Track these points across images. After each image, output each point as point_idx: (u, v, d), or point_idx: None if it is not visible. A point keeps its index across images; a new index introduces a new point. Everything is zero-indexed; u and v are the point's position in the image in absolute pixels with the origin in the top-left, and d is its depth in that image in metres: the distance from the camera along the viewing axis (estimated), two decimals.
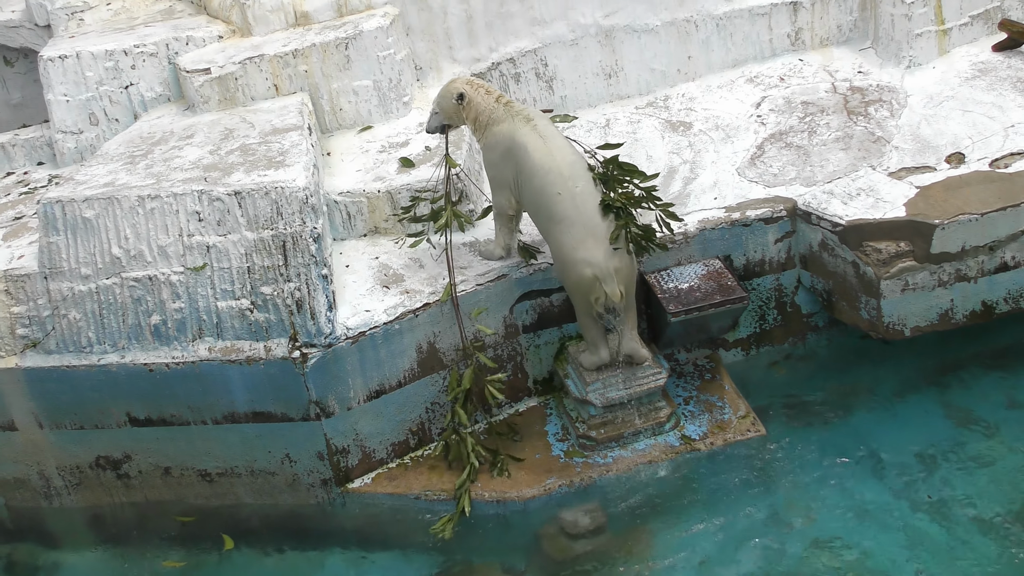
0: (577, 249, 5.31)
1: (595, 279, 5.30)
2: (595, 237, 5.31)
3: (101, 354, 5.61)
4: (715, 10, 7.24)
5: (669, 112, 7.07)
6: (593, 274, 5.29)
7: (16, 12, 8.04)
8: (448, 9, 6.98)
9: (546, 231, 5.49)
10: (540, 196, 5.41)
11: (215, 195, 5.50)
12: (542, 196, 5.40)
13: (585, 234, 5.30)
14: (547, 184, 5.37)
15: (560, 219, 5.34)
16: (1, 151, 7.21)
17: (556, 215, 5.35)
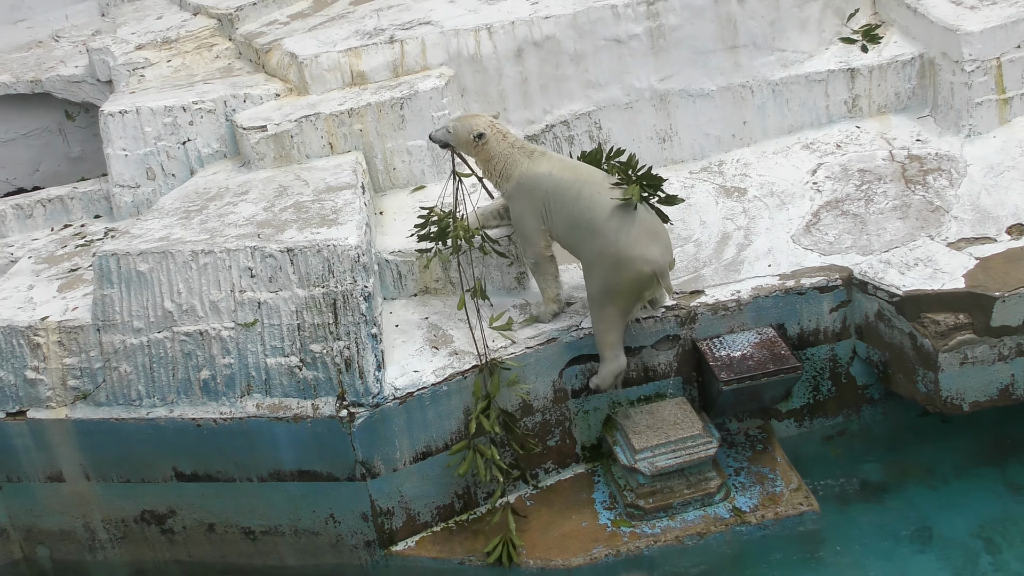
0: (633, 247, 5.35)
1: (653, 276, 5.38)
2: (649, 233, 5.41)
3: (150, 407, 5.68)
4: (771, 76, 7.28)
5: (723, 177, 7.09)
6: (652, 271, 5.36)
7: (79, 67, 8.29)
8: (503, 71, 7.08)
9: (590, 236, 5.47)
10: (577, 205, 5.50)
11: (268, 252, 5.59)
12: (579, 202, 5.49)
13: (640, 231, 5.38)
14: (583, 191, 5.50)
15: (608, 218, 5.39)
16: (60, 203, 7.38)
17: (601, 217, 5.42)
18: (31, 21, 9.52)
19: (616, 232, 5.37)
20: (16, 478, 5.96)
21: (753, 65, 7.27)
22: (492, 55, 7.05)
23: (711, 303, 5.87)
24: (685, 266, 6.23)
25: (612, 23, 7.08)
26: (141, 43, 8.08)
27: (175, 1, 9.04)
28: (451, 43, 7.05)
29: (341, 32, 7.40)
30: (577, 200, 5.50)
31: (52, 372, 5.80)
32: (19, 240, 7.23)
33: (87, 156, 8.79)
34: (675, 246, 6.38)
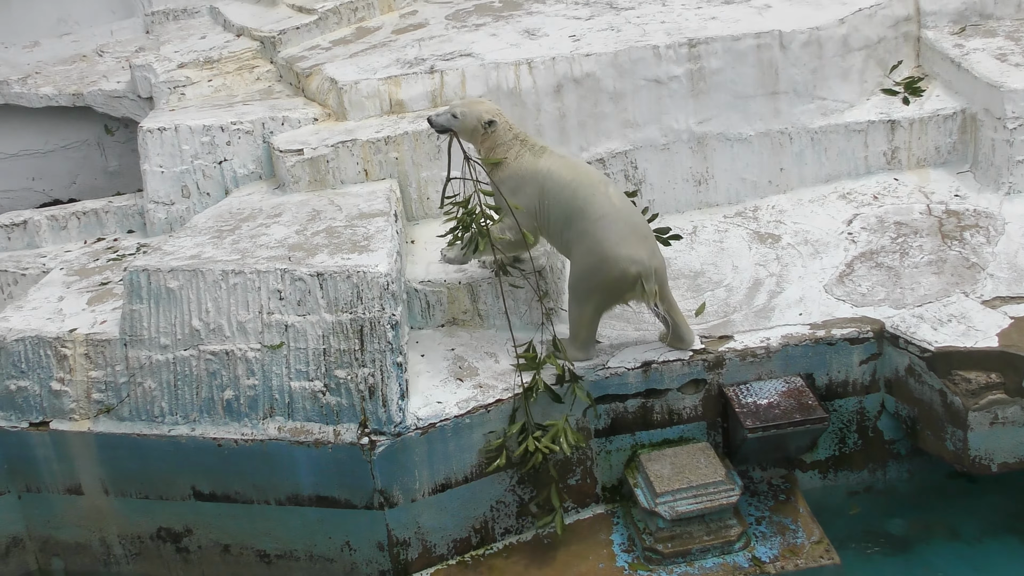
0: (620, 245, 5.49)
1: (638, 277, 5.50)
2: (638, 234, 5.55)
3: (172, 425, 5.72)
4: (810, 123, 7.30)
5: (758, 223, 7.10)
6: (637, 272, 5.49)
7: (121, 83, 8.41)
8: (541, 106, 7.14)
9: (580, 234, 5.56)
10: (572, 203, 5.58)
11: (297, 275, 5.64)
12: (574, 202, 5.58)
13: (629, 230, 5.52)
14: (579, 189, 5.59)
15: (599, 216, 5.51)
16: (94, 216, 7.47)
17: (593, 214, 5.52)
18: (77, 35, 9.69)
19: (605, 231, 5.50)
20: (35, 488, 6.01)
21: (793, 112, 7.29)
22: (531, 90, 7.11)
23: (740, 349, 5.86)
24: (715, 310, 6.23)
25: (653, 64, 7.13)
26: (183, 62, 8.20)
27: (219, 22, 9.18)
28: (491, 76, 7.12)
29: (382, 60, 7.48)
30: (573, 199, 5.59)
31: (77, 384, 5.86)
32: (52, 251, 7.32)
33: (124, 171, 8.91)
34: (706, 290, 6.42)
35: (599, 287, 5.60)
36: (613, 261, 5.50)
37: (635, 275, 5.50)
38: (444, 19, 8.36)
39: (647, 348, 5.87)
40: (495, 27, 7.93)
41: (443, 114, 5.92)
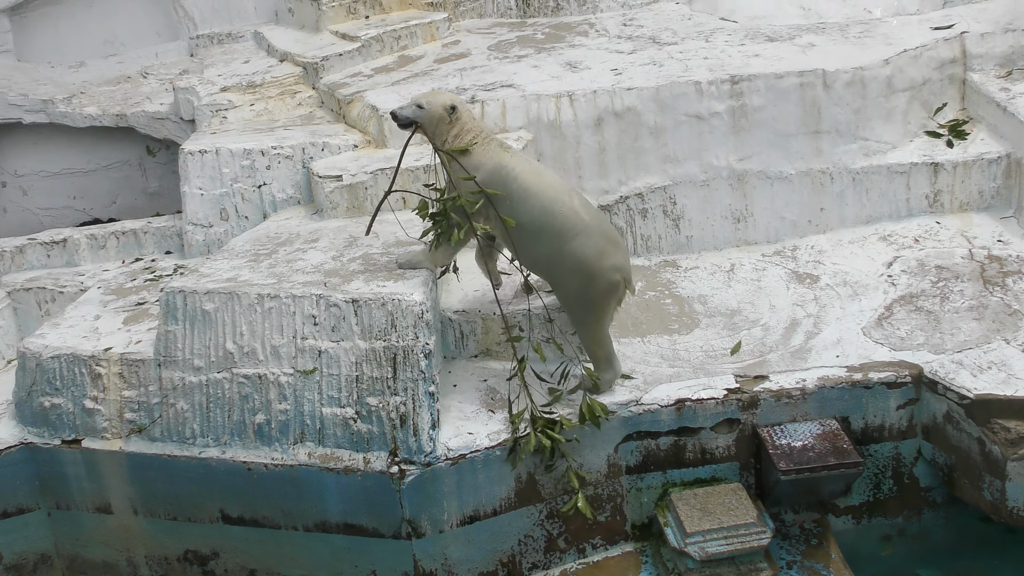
0: (603, 258, 5.58)
1: (623, 283, 5.65)
2: (612, 243, 5.66)
3: (203, 447, 5.76)
4: (852, 164, 7.29)
5: (796, 263, 7.08)
6: (621, 278, 5.64)
7: (164, 105, 8.54)
8: (581, 139, 7.18)
9: (558, 253, 5.57)
10: (544, 218, 5.57)
11: (332, 301, 5.68)
12: (546, 218, 5.57)
13: (605, 242, 5.62)
14: (549, 204, 5.58)
15: (575, 234, 5.56)
16: (133, 236, 7.58)
17: (569, 233, 5.56)
18: (122, 56, 9.85)
19: (584, 248, 5.56)
20: (65, 506, 6.07)
21: (835, 152, 7.28)
22: (572, 122, 7.15)
23: (775, 389, 5.83)
24: (751, 350, 6.22)
25: (694, 99, 7.16)
26: (226, 85, 8.31)
27: (263, 47, 9.31)
28: (531, 107, 7.17)
29: (423, 89, 7.55)
30: (543, 213, 5.58)
31: (110, 403, 5.92)
32: (90, 270, 7.43)
33: (164, 192, 9.03)
34: (743, 329, 6.41)
35: (593, 302, 5.66)
36: (599, 274, 5.59)
37: (619, 281, 5.65)
38: (486, 49, 8.44)
39: (681, 385, 5.86)
40: (537, 59, 7.99)
41: (408, 106, 5.83)
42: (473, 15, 9.47)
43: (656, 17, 8.83)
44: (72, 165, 9.34)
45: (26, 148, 9.38)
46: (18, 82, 9.29)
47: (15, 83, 9.25)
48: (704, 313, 6.61)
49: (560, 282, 5.71)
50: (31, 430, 6.06)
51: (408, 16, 9.11)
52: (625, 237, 7.26)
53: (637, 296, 6.79)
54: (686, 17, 8.73)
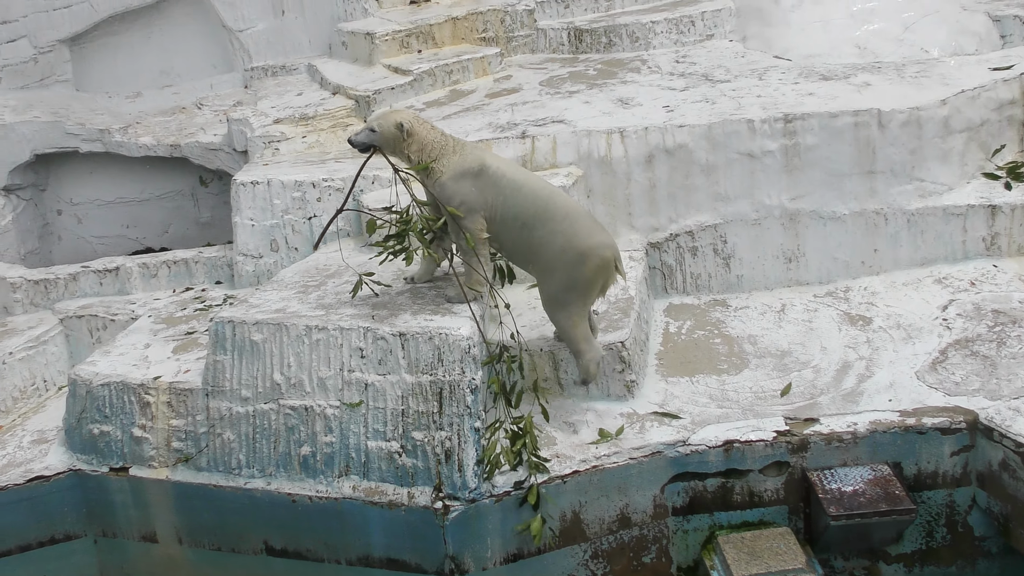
0: (592, 236, 5.69)
1: (613, 260, 5.69)
2: (595, 222, 5.82)
3: (248, 478, 5.82)
4: (907, 205, 7.23)
5: (849, 304, 7.03)
6: (612, 255, 5.69)
7: (218, 136, 8.68)
8: (632, 176, 7.19)
9: (549, 235, 5.69)
10: (534, 205, 5.72)
11: (380, 334, 5.72)
12: (536, 204, 5.72)
13: (591, 222, 5.77)
14: (536, 191, 5.76)
15: (563, 216, 5.71)
16: (184, 266, 7.69)
17: (557, 214, 5.70)
18: (178, 87, 10.04)
19: (574, 226, 5.69)
20: (111, 533, 6.14)
21: (889, 192, 7.24)
22: (622, 159, 7.18)
23: (825, 433, 5.78)
24: (801, 392, 6.17)
25: (747, 137, 7.15)
26: (279, 117, 8.43)
27: (316, 79, 9.44)
28: (582, 143, 7.21)
29: (474, 123, 7.63)
30: (534, 201, 5.73)
31: (158, 432, 6.00)
32: (141, 298, 7.55)
33: (215, 222, 9.17)
34: (793, 371, 6.36)
35: (582, 282, 5.72)
36: (590, 251, 5.66)
37: (611, 259, 5.71)
38: (538, 85, 8.51)
39: (730, 426, 5.83)
40: (589, 95, 8.04)
41: (362, 131, 5.93)
42: (525, 50, 9.56)
43: (709, 54, 8.85)
44: (126, 194, 9.53)
45: (82, 177, 9.60)
46: (76, 111, 9.51)
47: (73, 112, 9.46)
48: (754, 353, 6.57)
49: (548, 266, 5.75)
50: (80, 457, 6.16)
51: (460, 51, 9.21)
52: (675, 275, 7.26)
53: (686, 335, 6.78)
54: (739, 55, 8.75)
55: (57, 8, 9.75)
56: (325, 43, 9.87)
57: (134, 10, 9.90)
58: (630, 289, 6.61)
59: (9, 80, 9.78)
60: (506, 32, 9.51)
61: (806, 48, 8.51)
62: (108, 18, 9.87)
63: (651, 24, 9.19)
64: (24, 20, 9.75)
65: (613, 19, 9.46)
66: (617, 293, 6.57)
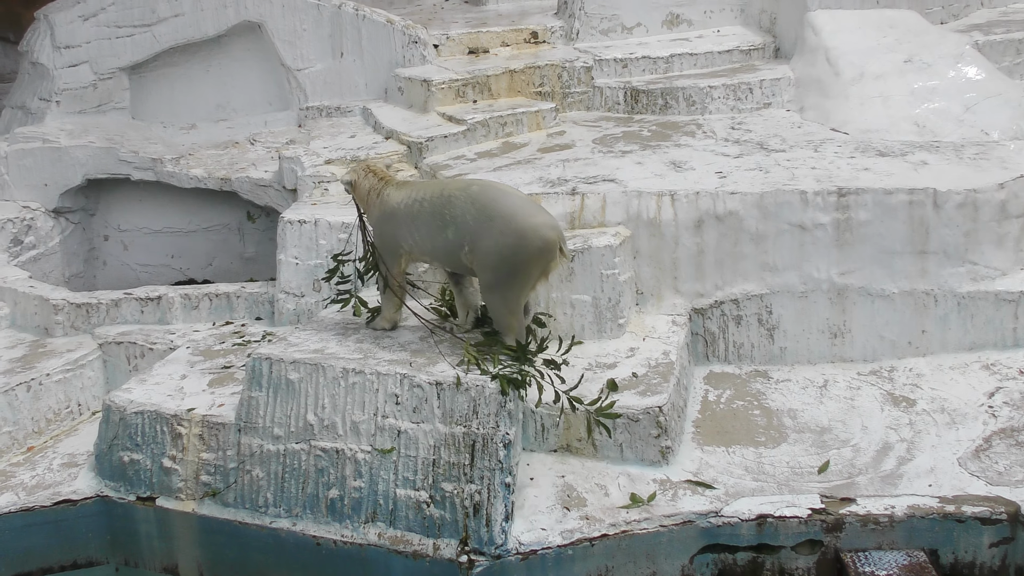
0: (533, 216, 5.81)
1: (557, 241, 5.80)
2: (535, 204, 5.96)
3: (274, 517, 5.86)
4: (958, 287, 7.21)
5: (893, 384, 7.00)
6: (555, 236, 5.80)
7: (268, 172, 8.83)
8: (680, 240, 7.23)
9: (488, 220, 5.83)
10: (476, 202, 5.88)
11: (416, 381, 5.78)
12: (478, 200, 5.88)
13: (531, 204, 5.92)
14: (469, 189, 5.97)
15: (501, 197, 5.88)
16: (225, 300, 7.80)
17: (495, 197, 5.87)
18: (232, 122, 10.23)
19: (513, 208, 5.82)
20: (134, 563, 6.21)
21: (941, 274, 7.22)
22: (672, 222, 7.22)
23: (861, 514, 5.75)
24: (839, 470, 6.14)
25: (799, 208, 7.18)
26: (331, 158, 8.56)
27: (369, 123, 9.59)
28: (632, 203, 7.26)
29: (524, 176, 7.71)
30: (476, 198, 5.90)
31: (188, 464, 6.07)
32: (181, 329, 7.66)
33: (259, 258, 9.30)
34: (832, 448, 6.33)
35: (523, 264, 5.84)
36: (532, 231, 5.78)
37: (554, 240, 5.81)
38: (591, 142, 8.60)
39: (764, 500, 5.81)
40: (641, 155, 8.12)
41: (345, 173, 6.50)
42: (580, 107, 9.67)
43: (765, 123, 8.92)
44: (173, 224, 9.70)
45: (131, 204, 9.79)
46: (130, 139, 9.72)
47: (127, 140, 9.67)
48: (793, 428, 6.56)
49: (490, 248, 5.85)
50: (108, 483, 6.25)
51: (516, 103, 9.34)
52: (717, 342, 7.27)
53: (725, 404, 6.78)
54: (796, 125, 8.81)
55: (120, 36, 10.00)
56: (381, 87, 10.03)
57: (195, 43, 10.13)
58: (671, 354, 6.64)
59: (68, 104, 10.02)
60: (562, 88, 9.63)
61: (864, 123, 8.55)
62: (169, 49, 10.10)
63: (708, 89, 9.28)
64: (87, 46, 10.00)
65: (671, 81, 9.56)
66: (658, 357, 6.60)
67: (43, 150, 9.51)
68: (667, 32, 10.59)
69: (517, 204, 5.88)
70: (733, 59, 10.05)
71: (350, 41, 10.06)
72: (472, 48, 10.32)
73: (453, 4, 13.33)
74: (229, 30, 10.11)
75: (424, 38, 9.98)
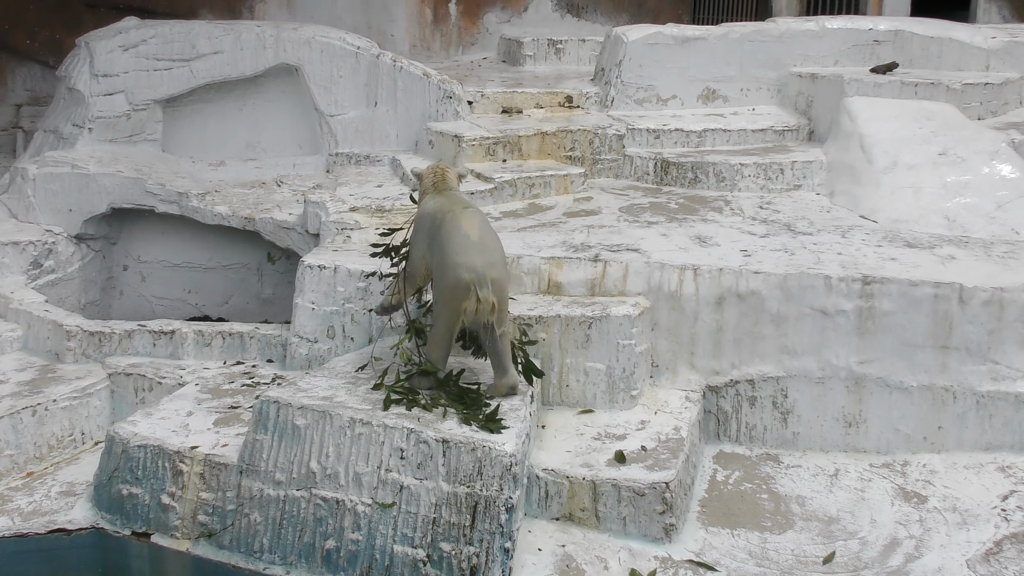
0: (458, 254, 6.04)
1: (471, 285, 5.96)
2: (477, 247, 6.08)
3: (269, 563, 5.86)
4: (978, 386, 7.19)
5: (905, 479, 6.97)
6: (470, 279, 5.96)
7: (293, 215, 8.91)
8: (700, 315, 7.26)
9: (438, 250, 6.19)
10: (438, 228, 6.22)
11: (423, 437, 5.79)
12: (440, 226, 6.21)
13: (468, 243, 6.08)
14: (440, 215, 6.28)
15: (449, 232, 6.16)
16: (239, 339, 7.84)
17: (445, 231, 6.17)
18: (261, 162, 10.35)
19: (450, 243, 6.11)
20: None
21: (961, 370, 7.20)
22: (692, 296, 7.25)
23: None
24: (845, 562, 6.10)
25: (822, 293, 7.20)
26: (356, 205, 8.62)
27: (397, 173, 9.69)
28: (654, 275, 7.30)
29: (548, 239, 7.77)
30: (440, 225, 6.24)
31: (187, 502, 6.09)
32: (192, 365, 7.70)
33: (276, 300, 9.36)
34: (839, 539, 6.29)
35: (445, 298, 6.10)
36: (451, 268, 6.02)
37: (468, 281, 5.96)
38: (618, 210, 8.67)
39: None
40: (667, 227, 8.17)
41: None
42: (609, 175, 9.76)
43: (794, 204, 8.98)
44: (193, 259, 9.79)
45: (153, 236, 9.89)
46: (159, 171, 9.84)
47: (156, 172, 9.79)
48: (800, 515, 6.52)
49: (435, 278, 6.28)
50: (105, 515, 6.26)
51: (545, 166, 9.43)
52: (729, 422, 7.26)
53: (733, 486, 6.76)
54: (825, 209, 8.86)
55: (158, 69, 10.17)
56: (412, 139, 10.15)
57: (231, 81, 10.28)
58: (682, 430, 6.64)
59: (100, 132, 10.17)
60: (593, 153, 9.73)
61: (894, 212, 8.59)
62: (205, 85, 10.26)
63: (739, 166, 9.36)
64: (124, 76, 10.17)
65: (702, 155, 9.64)
66: (668, 432, 6.60)
67: (71, 175, 9.64)
68: (702, 106, 10.71)
69: (459, 240, 6.12)
70: (766, 138, 10.15)
71: (385, 91, 10.21)
72: (506, 107, 10.45)
73: (491, 62, 13.53)
74: (266, 71, 10.27)
75: (459, 93, 10.12)
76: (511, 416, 6.03)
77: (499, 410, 6.03)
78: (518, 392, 6.28)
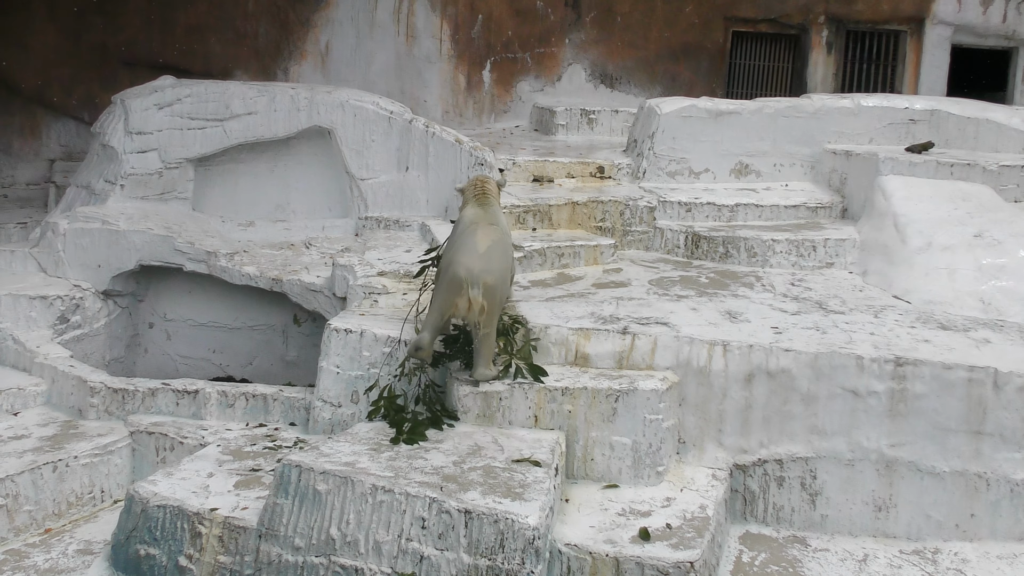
0: (461, 255, 6.84)
1: (464, 281, 6.67)
2: (476, 253, 6.85)
3: None
4: (1013, 474, 7.14)
5: (935, 567, 6.89)
6: (463, 275, 6.69)
7: (320, 278, 8.99)
8: (728, 392, 7.26)
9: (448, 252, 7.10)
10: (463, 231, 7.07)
11: (445, 507, 5.80)
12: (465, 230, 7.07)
13: (470, 248, 6.88)
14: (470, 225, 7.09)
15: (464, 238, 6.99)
16: (262, 401, 7.89)
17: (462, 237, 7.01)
18: (290, 224, 10.46)
19: (460, 245, 6.94)
20: None
21: (995, 457, 7.16)
22: (721, 372, 7.26)
23: None
24: None
25: (853, 374, 7.19)
26: (384, 270, 8.70)
27: (427, 238, 9.77)
28: (683, 349, 7.31)
29: (576, 310, 7.81)
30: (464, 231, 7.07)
31: (204, 565, 6.09)
32: (214, 426, 7.75)
33: (301, 363, 9.41)
34: None
35: (441, 288, 6.85)
36: (448, 264, 6.87)
37: (461, 277, 6.70)
38: (647, 283, 8.70)
39: None
40: (697, 302, 8.20)
41: None
42: (640, 247, 9.83)
43: (826, 283, 8.99)
44: (219, 319, 9.88)
45: (180, 295, 9.99)
46: (188, 230, 9.96)
47: (185, 231, 9.92)
48: None
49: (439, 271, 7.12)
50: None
51: (575, 235, 9.50)
52: (756, 502, 7.22)
53: (759, 568, 6.70)
54: (857, 288, 8.87)
55: (192, 128, 10.34)
56: (443, 205, 10.25)
57: (264, 142, 10.43)
58: (708, 509, 6.61)
59: (132, 189, 10.32)
60: (623, 225, 9.80)
61: (927, 293, 8.59)
62: (237, 145, 10.41)
63: (771, 242, 9.40)
64: (158, 134, 10.35)
65: (733, 230, 9.70)
66: (694, 511, 6.57)
67: (101, 231, 9.78)
68: (735, 181, 10.80)
69: (468, 245, 6.92)
70: (799, 215, 10.20)
71: (417, 156, 10.33)
72: (537, 176, 10.56)
73: (523, 130, 13.68)
74: (299, 133, 10.41)
75: (490, 161, 10.23)
76: (534, 488, 6.03)
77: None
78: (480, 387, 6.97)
